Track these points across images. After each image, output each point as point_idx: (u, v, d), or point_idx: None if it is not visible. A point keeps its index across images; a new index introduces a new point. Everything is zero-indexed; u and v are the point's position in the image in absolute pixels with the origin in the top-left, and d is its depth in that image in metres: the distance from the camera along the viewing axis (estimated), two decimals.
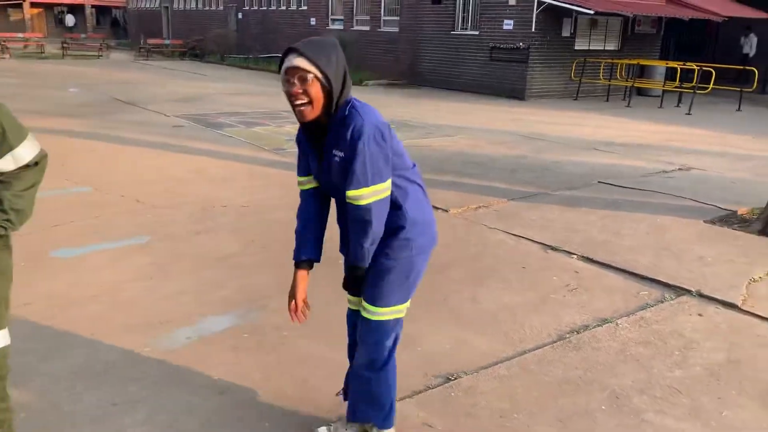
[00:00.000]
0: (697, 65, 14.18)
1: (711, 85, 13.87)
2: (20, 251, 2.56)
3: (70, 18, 41.41)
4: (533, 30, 15.11)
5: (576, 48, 15.98)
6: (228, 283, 4.14)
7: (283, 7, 23.87)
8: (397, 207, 2.27)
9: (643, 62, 15.98)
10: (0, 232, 1.99)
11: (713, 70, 13.77)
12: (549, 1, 14.60)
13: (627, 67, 16.36)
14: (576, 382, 3.10)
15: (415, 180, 2.35)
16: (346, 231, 2.31)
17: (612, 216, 5.80)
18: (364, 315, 2.37)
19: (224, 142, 8.98)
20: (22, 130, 2.03)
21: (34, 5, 41.51)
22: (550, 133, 10.50)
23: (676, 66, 14.96)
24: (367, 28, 19.95)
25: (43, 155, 2.09)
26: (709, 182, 7.29)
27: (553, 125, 11.51)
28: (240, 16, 26.54)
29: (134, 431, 2.66)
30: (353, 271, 2.29)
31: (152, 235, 5.03)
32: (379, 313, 2.34)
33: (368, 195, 2.15)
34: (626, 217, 5.78)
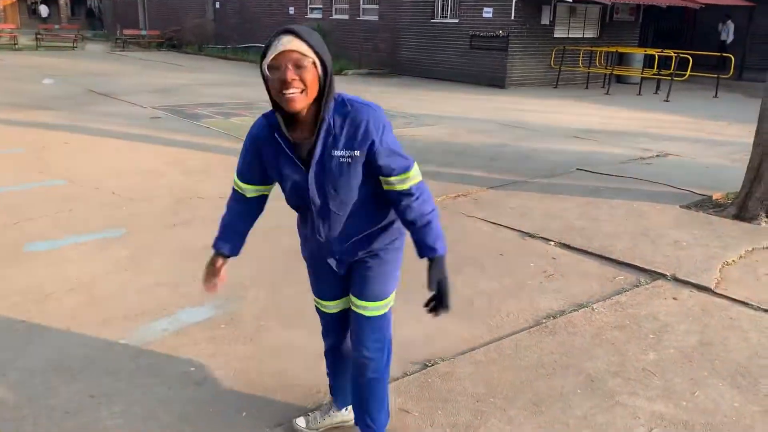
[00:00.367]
0: (674, 52, 14.31)
1: (688, 72, 14.01)
2: None
3: (44, 8, 40.64)
4: (513, 18, 15.13)
5: (555, 36, 16.03)
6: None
7: None
8: (385, 204, 2.18)
9: (622, 50, 16.08)
10: None
11: (690, 58, 13.90)
12: None
13: (606, 54, 16.46)
14: (552, 366, 3.13)
15: None
16: (329, 240, 2.17)
17: (590, 203, 5.85)
18: (367, 314, 2.24)
19: (201, 134, 8.90)
20: None
21: None
22: (530, 121, 10.54)
23: (654, 53, 15.07)
24: (346, 17, 19.84)
25: None
26: (685, 168, 7.37)
27: (533, 113, 11.56)
28: (217, 5, 26.24)
29: (111, 423, 2.65)
30: (443, 261, 2.13)
31: (128, 227, 4.98)
32: (382, 306, 2.27)
33: (417, 175, 2.06)
34: (604, 203, 5.84)
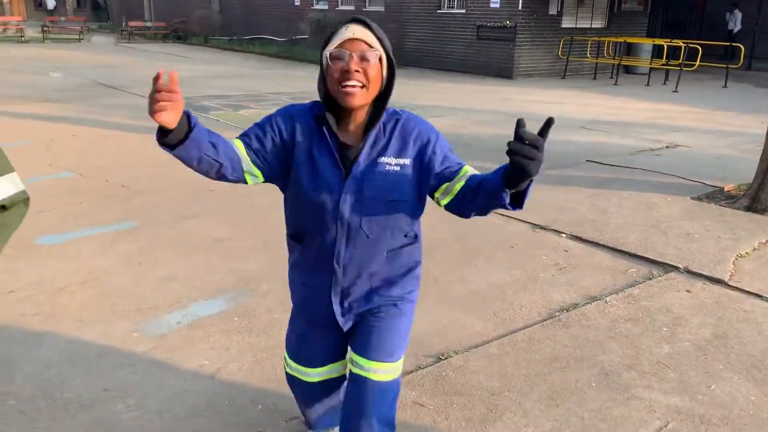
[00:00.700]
0: (683, 42, 14.19)
1: (698, 62, 13.90)
2: None
3: (50, 1, 40.65)
4: (520, 8, 15.03)
5: (563, 26, 15.93)
6: (217, 267, 4.12)
7: None
8: (415, 238, 1.95)
9: (630, 40, 15.96)
10: None
11: (700, 47, 13.78)
12: None
13: (614, 44, 16.34)
14: (566, 359, 3.12)
15: None
16: (343, 275, 1.86)
17: (600, 194, 5.82)
18: (376, 378, 1.89)
19: (210, 126, 8.85)
20: (2, 165, 1.68)
21: None
22: (538, 112, 10.48)
23: (662, 43, 14.95)
24: (352, 8, 19.74)
25: (20, 199, 1.72)
26: (695, 159, 7.32)
27: (541, 104, 11.50)
28: None
29: (126, 416, 2.66)
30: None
31: (139, 220, 4.98)
32: (394, 369, 1.94)
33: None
34: (614, 195, 5.80)
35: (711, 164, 7.07)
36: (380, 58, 1.71)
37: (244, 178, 1.80)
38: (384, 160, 1.78)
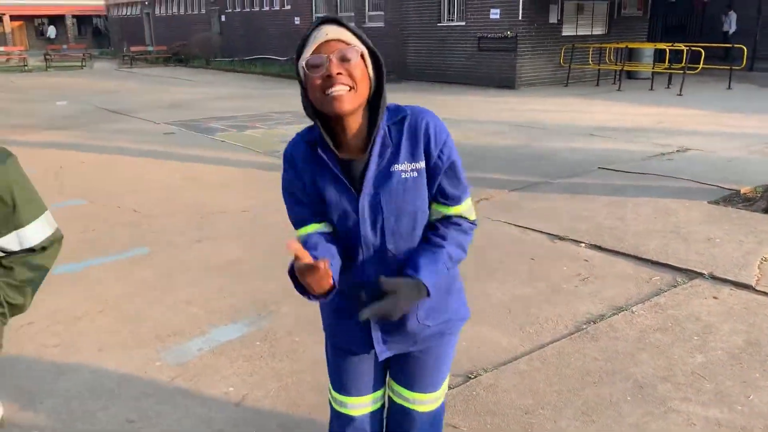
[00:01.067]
0: (685, 46, 14.17)
1: (701, 65, 13.87)
2: None
3: (51, 29, 41.07)
4: (520, 18, 15.06)
5: (564, 34, 15.95)
6: (235, 291, 4.07)
7: (267, 8, 23.73)
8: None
9: (632, 45, 15.96)
10: None
11: (702, 50, 13.76)
12: None
13: (615, 50, 16.34)
14: (598, 373, 3.05)
15: None
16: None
17: (616, 202, 5.76)
18: (419, 409, 1.82)
19: (217, 147, 8.88)
20: (38, 205, 1.66)
21: (14, 18, 41.12)
22: (544, 121, 10.46)
23: (664, 47, 14.94)
24: (352, 24, 19.82)
25: (56, 239, 1.71)
26: (707, 162, 7.26)
27: (546, 113, 11.47)
28: (223, 18, 26.37)
29: None
30: (419, 289, 1.58)
31: (153, 245, 4.95)
32: (438, 397, 1.85)
33: (471, 210, 1.70)
34: (630, 202, 5.74)
35: (723, 167, 7.00)
36: (362, 55, 1.52)
37: None
38: (397, 168, 1.58)
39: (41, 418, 2.79)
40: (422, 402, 1.79)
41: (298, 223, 1.67)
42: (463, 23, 16.39)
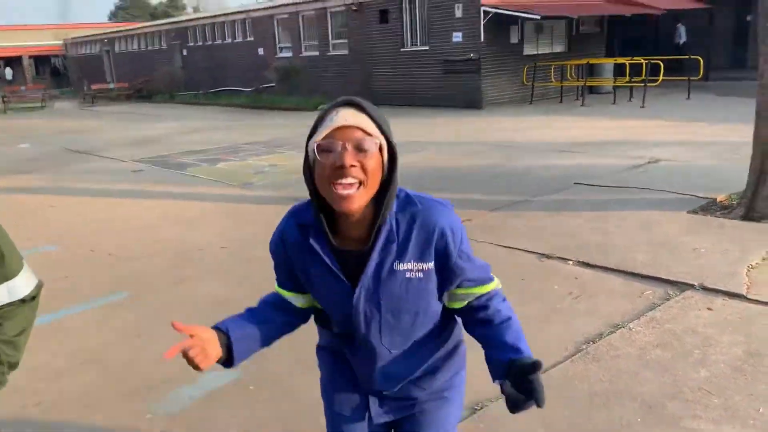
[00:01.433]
0: (644, 59, 14.52)
1: (661, 77, 14.22)
2: None
3: (8, 71, 40.36)
4: (482, 40, 15.28)
5: (525, 53, 16.23)
6: None
7: (229, 40, 23.70)
8: (451, 323, 1.70)
9: (592, 61, 16.30)
10: None
11: (661, 63, 14.11)
12: (494, 11, 14.79)
13: (576, 67, 16.66)
14: (605, 394, 2.99)
15: None
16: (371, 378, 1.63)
17: (597, 217, 5.78)
18: None
19: (189, 183, 8.72)
20: (19, 254, 1.64)
21: None
22: (514, 140, 10.55)
23: (624, 62, 15.29)
24: (317, 53, 19.91)
25: (40, 287, 1.71)
26: (680, 172, 7.36)
27: (515, 131, 11.58)
28: (185, 52, 26.23)
29: None
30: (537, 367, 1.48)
31: (131, 289, 4.77)
32: None
33: (498, 283, 1.64)
34: (611, 216, 5.77)
35: (696, 176, 7.11)
36: (380, 147, 1.40)
37: (312, 310, 1.66)
38: (402, 266, 1.46)
39: None
40: None
41: (281, 286, 1.65)
42: (427, 47, 16.56)
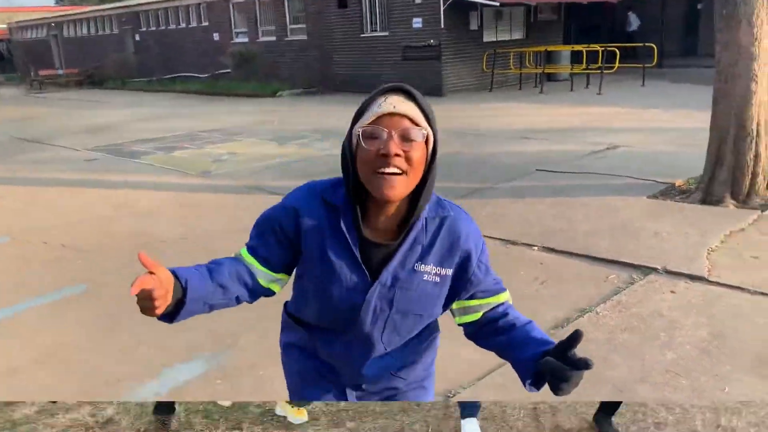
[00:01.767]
0: (601, 47, 14.73)
1: (617, 65, 14.45)
2: None
3: None
4: (442, 26, 15.25)
5: (485, 40, 16.27)
6: (188, 325, 3.79)
7: (183, 25, 23.10)
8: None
9: (550, 48, 16.44)
10: None
11: (617, 50, 14.34)
12: None
13: (534, 54, 16.80)
14: None
15: None
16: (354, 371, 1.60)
17: (560, 202, 5.83)
18: None
19: (145, 171, 8.48)
20: None
21: None
22: (475, 127, 10.58)
23: (581, 49, 15.47)
24: (274, 39, 19.58)
25: None
26: (638, 158, 7.49)
27: (476, 118, 11.61)
28: (137, 38, 25.48)
29: None
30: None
31: (88, 282, 4.60)
32: None
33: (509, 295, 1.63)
34: (573, 202, 5.83)
35: (654, 161, 7.24)
36: (427, 138, 1.37)
37: (269, 292, 1.54)
38: (423, 268, 1.45)
39: None
40: None
41: (249, 249, 1.52)
42: (387, 33, 16.45)
